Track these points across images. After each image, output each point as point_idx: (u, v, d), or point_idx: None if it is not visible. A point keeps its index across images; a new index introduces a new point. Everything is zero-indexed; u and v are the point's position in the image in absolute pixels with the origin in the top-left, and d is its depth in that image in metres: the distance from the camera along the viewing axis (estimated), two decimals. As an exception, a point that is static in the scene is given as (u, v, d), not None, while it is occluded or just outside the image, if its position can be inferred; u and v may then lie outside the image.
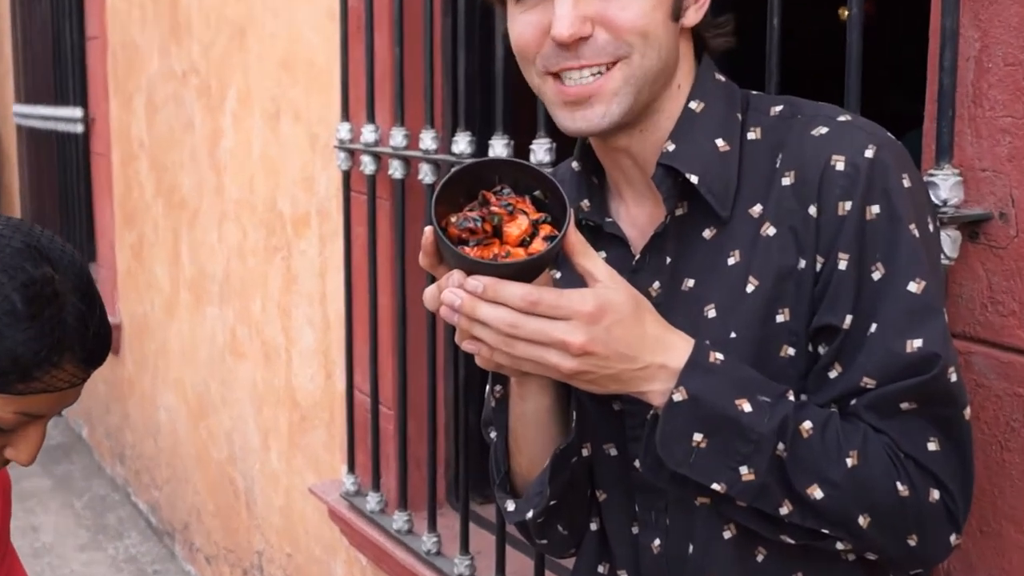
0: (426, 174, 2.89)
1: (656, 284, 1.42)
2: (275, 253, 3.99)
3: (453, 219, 1.25)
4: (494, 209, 1.24)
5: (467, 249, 1.23)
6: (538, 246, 1.23)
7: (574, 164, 1.51)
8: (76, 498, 5.98)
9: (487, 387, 1.58)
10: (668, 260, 1.42)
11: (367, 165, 3.13)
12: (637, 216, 1.47)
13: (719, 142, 1.39)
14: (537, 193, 1.27)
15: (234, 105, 4.25)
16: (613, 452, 1.49)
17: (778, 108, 1.42)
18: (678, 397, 1.26)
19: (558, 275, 1.52)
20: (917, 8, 2.28)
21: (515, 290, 1.19)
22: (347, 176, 3.29)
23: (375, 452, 3.26)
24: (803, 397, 1.35)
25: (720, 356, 1.29)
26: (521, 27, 1.37)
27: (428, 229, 1.24)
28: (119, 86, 5.53)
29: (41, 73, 6.66)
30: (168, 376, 5.21)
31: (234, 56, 4.20)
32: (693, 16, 1.41)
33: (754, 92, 1.48)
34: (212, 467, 4.77)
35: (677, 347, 1.28)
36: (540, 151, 2.44)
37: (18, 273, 1.40)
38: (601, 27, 1.32)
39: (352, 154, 3.24)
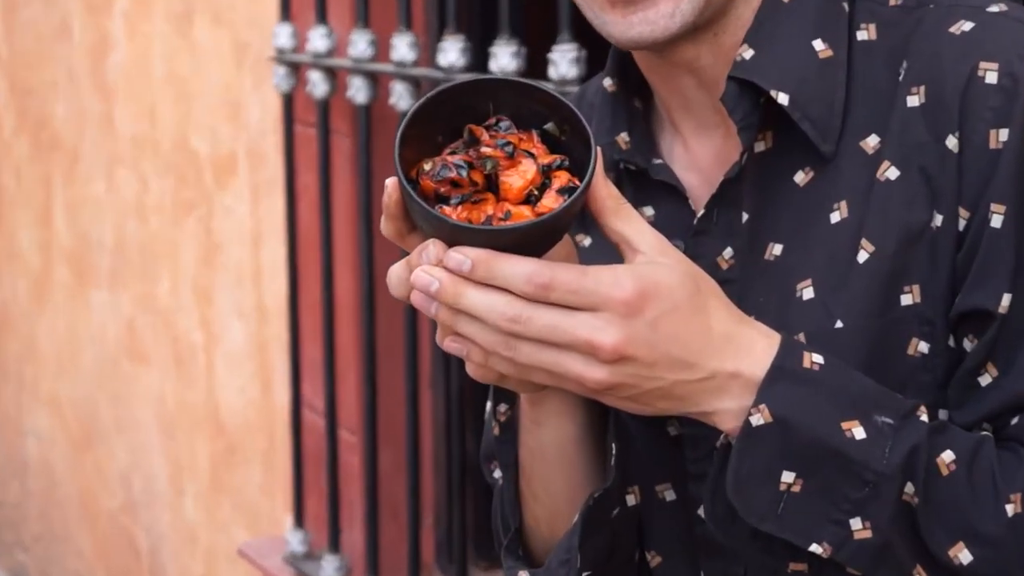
0: (401, 97, 2.89)
1: (727, 252, 1.42)
2: (189, 212, 3.99)
3: (427, 166, 1.24)
4: (487, 151, 1.24)
5: (448, 209, 1.22)
6: (550, 203, 1.22)
7: (607, 82, 1.50)
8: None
9: (488, 405, 1.57)
10: (745, 217, 1.41)
11: (316, 85, 3.14)
12: (699, 156, 1.47)
13: (817, 45, 1.39)
14: (550, 126, 1.26)
15: (126, 3, 4.24)
16: (670, 497, 1.48)
17: None
18: (758, 420, 1.25)
19: (586, 242, 1.52)
20: None
21: (518, 268, 1.19)
22: (288, 101, 3.29)
23: (333, 497, 3.27)
24: (941, 414, 1.34)
25: (819, 359, 1.28)
26: None
27: (391, 181, 1.22)
28: (-37, -28, 5.53)
29: None
30: (38, 389, 5.23)
31: (126, -72, 4.22)
32: None
33: None
34: (102, 519, 4.78)
35: (755, 346, 1.27)
36: (563, 63, 2.44)
37: None
38: None
39: (295, 69, 3.25)
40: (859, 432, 1.26)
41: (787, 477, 1.26)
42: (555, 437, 1.44)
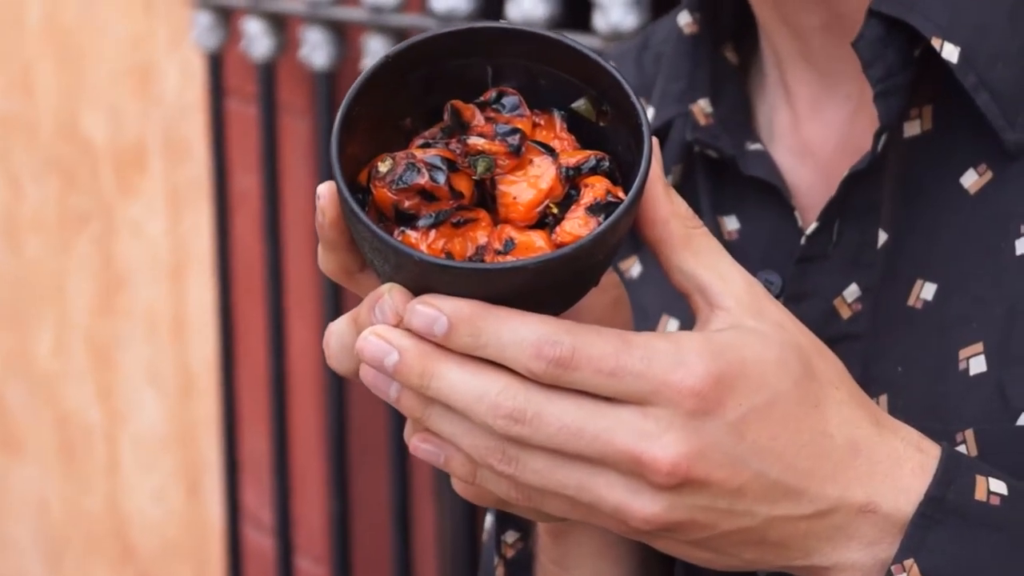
0: (378, 57, 2.83)
1: (851, 291, 1.38)
2: (80, 228, 4.02)
3: (384, 166, 1.16)
4: (478, 143, 1.16)
5: (414, 236, 1.15)
6: (577, 228, 1.15)
7: (683, 19, 1.49)
8: None
9: (488, 520, 1.55)
10: (882, 238, 1.37)
11: (256, 39, 3.15)
12: (817, 137, 1.44)
13: None
14: (581, 104, 1.21)
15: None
16: None
17: None
18: None
19: (635, 271, 1.49)
20: None
21: (523, 331, 1.10)
22: (216, 64, 3.32)
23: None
24: None
25: (1000, 487, 1.24)
26: None
27: (324, 188, 1.15)
28: None
29: None
30: None
31: None
32: None
33: None
34: None
35: (901, 466, 1.22)
36: (615, 5, 2.43)
37: None
38: None
39: (226, 17, 3.27)
40: None
41: None
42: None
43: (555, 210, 1.15)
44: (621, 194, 1.14)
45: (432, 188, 1.13)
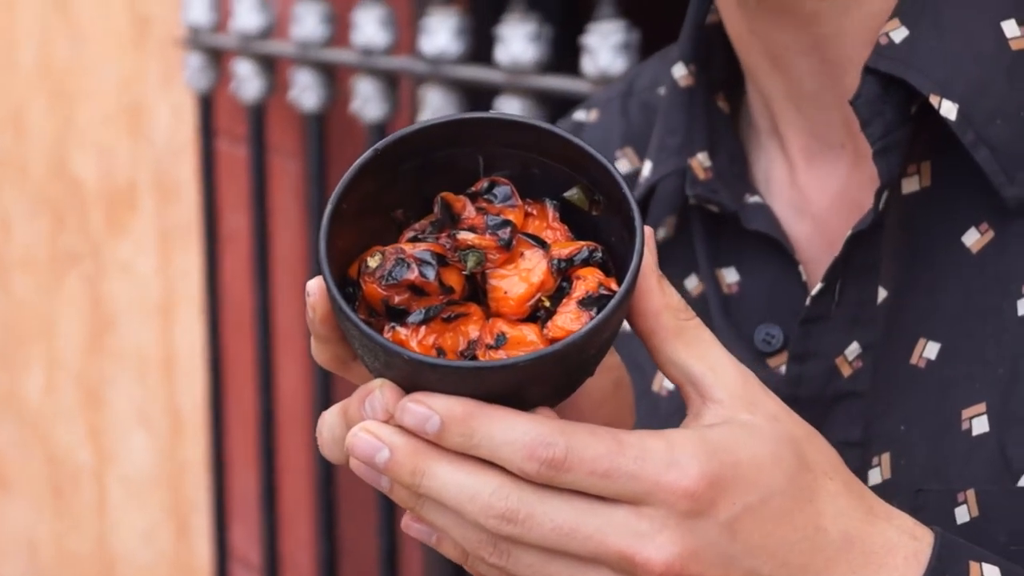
0: (368, 100, 2.90)
1: (853, 349, 1.37)
2: (70, 267, 4.01)
3: (373, 261, 1.16)
4: (469, 237, 1.15)
5: (404, 333, 1.14)
6: (569, 322, 1.13)
7: (678, 71, 1.48)
8: None
9: None
10: (882, 295, 1.37)
11: (247, 81, 3.15)
12: (814, 191, 1.43)
13: (1009, 28, 1.35)
14: (573, 194, 1.20)
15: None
16: None
17: None
18: None
19: (627, 326, 1.46)
20: None
21: (516, 431, 1.08)
22: (207, 105, 3.31)
23: None
24: None
25: (995, 572, 1.22)
26: None
27: (313, 284, 1.14)
28: None
29: None
30: None
31: None
32: None
33: None
34: None
35: (892, 554, 1.20)
36: (603, 49, 2.42)
37: None
38: None
39: (216, 58, 3.26)
40: None
41: None
42: None
43: (547, 303, 1.14)
44: (614, 286, 1.13)
45: (422, 284, 1.13)
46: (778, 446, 1.16)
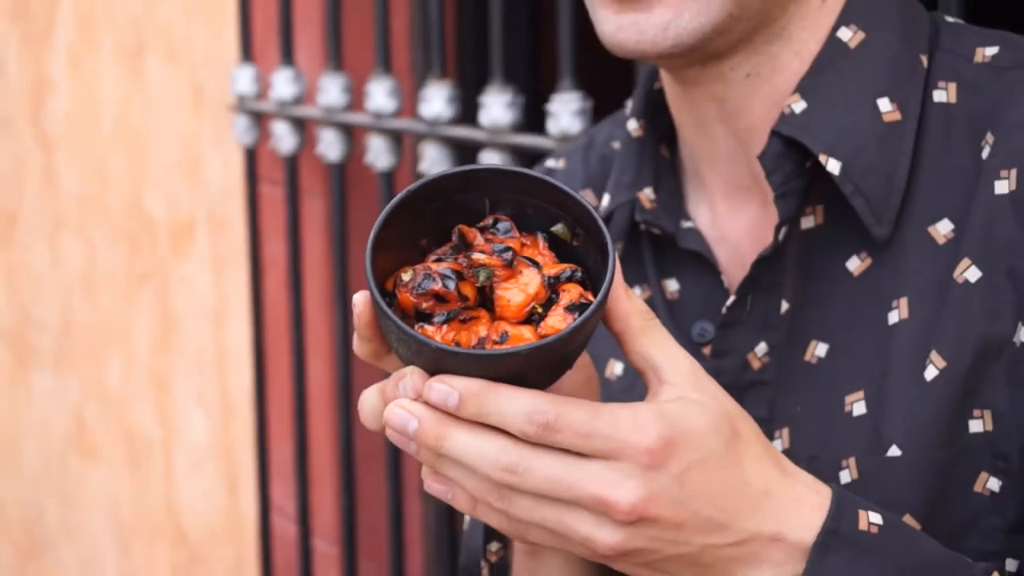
0: (379, 154, 2.89)
1: (761, 348, 1.38)
2: (142, 284, 3.99)
3: (407, 276, 1.18)
4: (480, 258, 1.18)
5: (430, 330, 1.17)
6: (557, 322, 1.16)
7: (631, 125, 1.48)
8: None
9: (465, 520, 1.56)
10: (784, 307, 1.37)
11: (283, 138, 3.13)
12: (730, 225, 1.44)
13: (883, 104, 1.35)
14: (559, 228, 1.22)
15: (69, 36, 4.23)
16: None
17: (991, 51, 1.37)
18: None
19: (618, 369, 1.48)
20: None
21: (517, 403, 1.12)
22: (252, 156, 3.29)
23: (309, 617, 3.27)
24: (1010, 564, 1.30)
25: (877, 518, 1.23)
26: None
27: (360, 296, 1.18)
28: None
29: None
30: (-25, 488, 5.19)
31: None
32: None
33: (949, 19, 1.44)
34: (50, 639, 4.74)
35: (803, 505, 1.22)
36: (564, 114, 2.42)
37: None
38: None
39: (259, 120, 3.25)
40: None
41: None
42: None
43: (540, 310, 1.18)
44: (591, 297, 1.16)
45: (444, 293, 1.16)
46: (716, 418, 1.18)
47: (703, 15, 1.29)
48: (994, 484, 1.29)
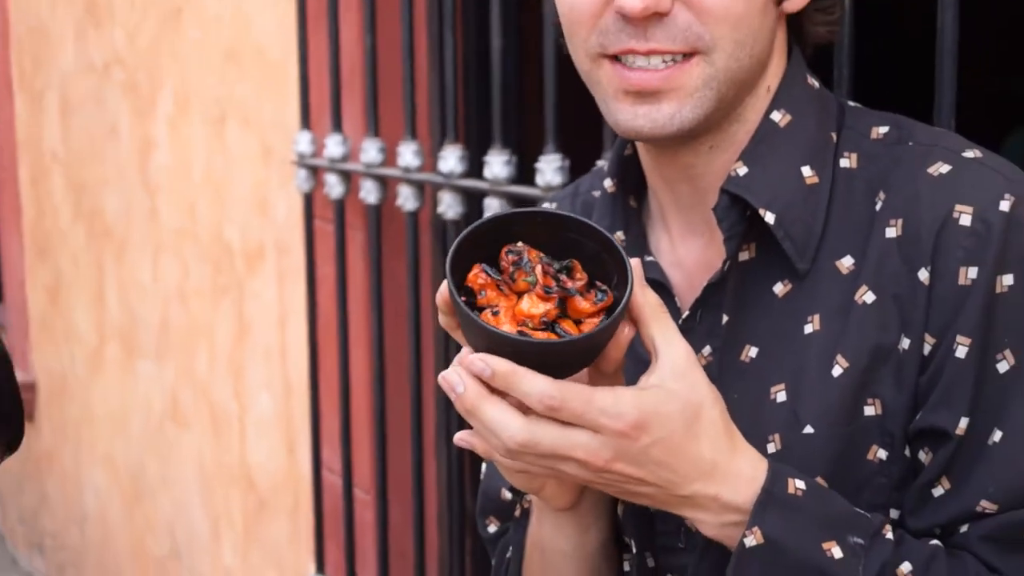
0: (407, 199, 2.87)
1: (706, 350, 1.38)
2: (223, 295, 3.96)
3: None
4: (578, 284, 1.21)
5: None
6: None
7: (607, 183, 1.47)
8: (-17, 600, 5.94)
9: (483, 466, 1.57)
10: (725, 319, 1.37)
11: (333, 186, 3.10)
12: (684, 256, 1.43)
13: (805, 171, 1.34)
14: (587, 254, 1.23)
15: (169, 107, 4.22)
16: (651, 563, 1.44)
17: (882, 130, 1.37)
18: (752, 541, 1.22)
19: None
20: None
21: (534, 387, 1.15)
22: (309, 200, 3.26)
23: (349, 547, 3.24)
24: (893, 513, 1.31)
25: (801, 484, 1.25)
26: None
27: (442, 288, 1.21)
28: (25, 82, 5.50)
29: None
30: (95, 449, 5.18)
31: (167, 44, 4.18)
32: None
33: (851, 104, 1.43)
34: (151, 564, 4.73)
35: (740, 475, 1.23)
36: (549, 170, 2.42)
37: None
38: (683, 4, 1.27)
39: (314, 172, 3.22)
40: (837, 552, 1.23)
41: None
42: (578, 545, 1.42)
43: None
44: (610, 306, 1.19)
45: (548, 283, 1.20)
46: (685, 406, 1.19)
47: (699, 108, 1.29)
48: (882, 454, 1.30)
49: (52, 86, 5.22)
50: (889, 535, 1.25)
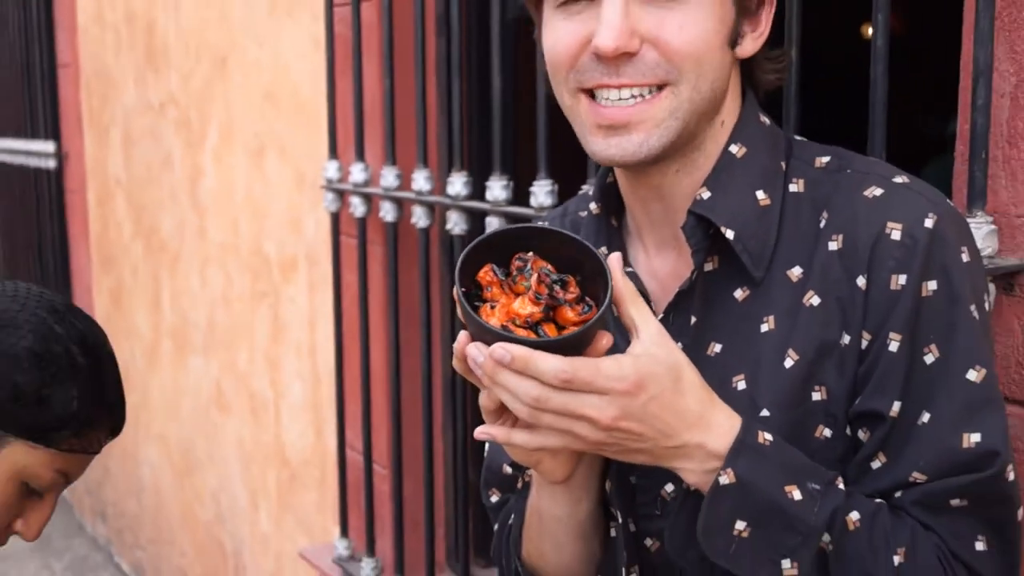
0: (420, 217, 2.87)
1: (679, 346, 1.35)
2: (261, 300, 3.96)
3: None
4: (569, 297, 1.20)
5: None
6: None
7: (592, 206, 1.47)
8: (55, 559, 5.91)
9: (487, 445, 1.56)
10: (693, 320, 1.37)
11: (356, 207, 3.10)
12: (658, 267, 1.43)
13: (759, 194, 1.35)
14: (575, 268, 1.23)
15: (215, 140, 4.23)
16: (632, 528, 1.44)
17: (824, 159, 1.38)
18: (725, 480, 1.22)
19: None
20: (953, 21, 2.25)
21: (548, 366, 1.14)
22: (336, 219, 3.26)
23: (369, 514, 3.22)
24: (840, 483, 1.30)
25: (769, 437, 1.25)
26: (559, 35, 1.30)
27: (456, 290, 1.21)
28: (93, 118, 5.50)
29: (10, 103, 6.54)
30: (151, 430, 5.17)
31: (215, 87, 4.18)
32: (750, 46, 1.35)
33: (798, 138, 1.44)
34: (199, 528, 4.72)
35: (720, 426, 1.23)
36: (541, 193, 2.42)
37: (69, 327, 1.54)
38: (651, 45, 1.27)
39: (341, 195, 3.21)
40: (796, 494, 1.23)
41: (740, 526, 1.23)
42: (569, 513, 1.41)
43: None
44: (594, 310, 1.19)
45: (541, 291, 1.19)
46: (670, 367, 1.19)
47: (664, 137, 1.30)
48: (827, 432, 1.31)
49: (116, 122, 5.23)
50: (841, 486, 1.26)
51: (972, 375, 1.25)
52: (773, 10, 1.36)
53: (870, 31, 1.75)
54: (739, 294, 1.35)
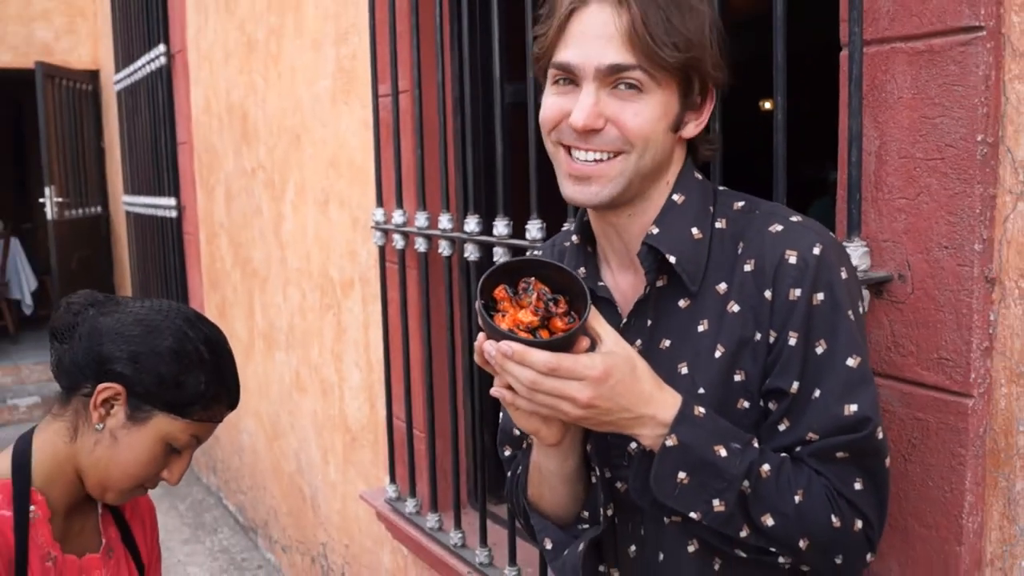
0: (444, 248, 2.85)
1: (639, 342, 1.36)
2: (328, 311, 3.93)
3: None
4: (559, 311, 1.18)
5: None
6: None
7: (573, 237, 1.45)
8: (180, 502, 5.90)
9: (501, 413, 1.54)
10: (649, 322, 1.35)
11: (398, 241, 3.09)
12: (621, 283, 1.41)
13: (694, 230, 1.33)
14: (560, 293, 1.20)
15: (292, 195, 4.21)
16: (608, 475, 1.43)
17: (740, 204, 1.36)
18: (670, 443, 1.21)
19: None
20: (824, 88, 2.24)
21: (540, 359, 1.14)
22: (382, 250, 3.24)
23: (411, 466, 3.19)
24: (754, 443, 1.29)
25: (702, 410, 1.24)
26: (549, 104, 1.29)
27: (476, 304, 1.19)
28: (204, 180, 5.50)
29: (143, 170, 6.63)
30: (248, 407, 5.14)
31: (291, 156, 4.17)
32: (691, 130, 1.34)
33: (721, 188, 1.43)
34: (285, 478, 4.69)
35: (666, 402, 1.22)
36: (533, 229, 2.40)
37: (198, 331, 1.55)
38: (613, 125, 1.25)
39: (386, 233, 3.19)
40: (723, 452, 1.22)
41: (681, 475, 1.22)
42: (559, 467, 1.38)
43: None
44: (577, 322, 1.16)
45: (541, 308, 1.17)
46: (627, 360, 1.17)
47: (614, 189, 1.29)
48: (746, 404, 1.29)
49: (220, 183, 5.21)
50: (756, 445, 1.25)
51: (851, 361, 1.25)
52: (714, 104, 1.35)
53: (767, 105, 1.76)
54: (682, 303, 1.34)
